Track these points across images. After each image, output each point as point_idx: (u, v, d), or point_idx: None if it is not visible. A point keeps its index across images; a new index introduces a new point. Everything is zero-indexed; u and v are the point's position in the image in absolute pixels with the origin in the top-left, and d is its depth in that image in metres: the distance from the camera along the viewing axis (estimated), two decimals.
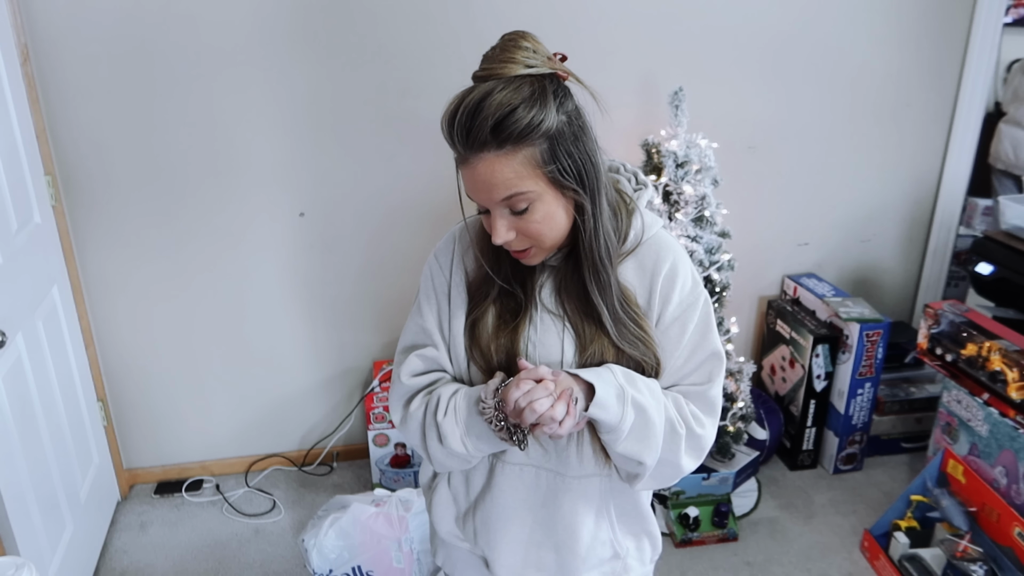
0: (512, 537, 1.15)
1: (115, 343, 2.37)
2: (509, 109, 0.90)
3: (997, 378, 2.08)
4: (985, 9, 2.46)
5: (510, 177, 0.92)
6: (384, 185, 2.34)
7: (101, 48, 2.05)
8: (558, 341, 1.06)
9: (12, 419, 1.73)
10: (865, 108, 2.55)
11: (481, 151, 0.92)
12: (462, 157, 0.95)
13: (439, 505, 1.21)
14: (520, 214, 0.96)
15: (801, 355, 2.51)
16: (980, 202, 3.01)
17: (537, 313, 1.07)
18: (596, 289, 1.02)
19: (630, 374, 1.03)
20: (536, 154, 0.92)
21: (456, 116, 0.93)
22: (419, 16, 2.17)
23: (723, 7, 2.33)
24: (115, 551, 2.25)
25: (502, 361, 1.06)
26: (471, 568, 1.24)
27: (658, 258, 1.06)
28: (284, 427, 2.59)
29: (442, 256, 1.13)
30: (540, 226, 0.97)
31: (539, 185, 0.94)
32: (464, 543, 1.21)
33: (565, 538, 1.14)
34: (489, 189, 0.94)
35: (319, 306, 2.46)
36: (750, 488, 2.46)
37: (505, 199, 0.94)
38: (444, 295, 1.12)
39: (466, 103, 0.92)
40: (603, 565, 1.18)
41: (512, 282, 1.06)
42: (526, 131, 0.90)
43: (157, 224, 2.26)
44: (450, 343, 1.11)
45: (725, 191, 2.27)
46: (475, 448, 1.06)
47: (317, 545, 1.91)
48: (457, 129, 0.93)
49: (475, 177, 0.94)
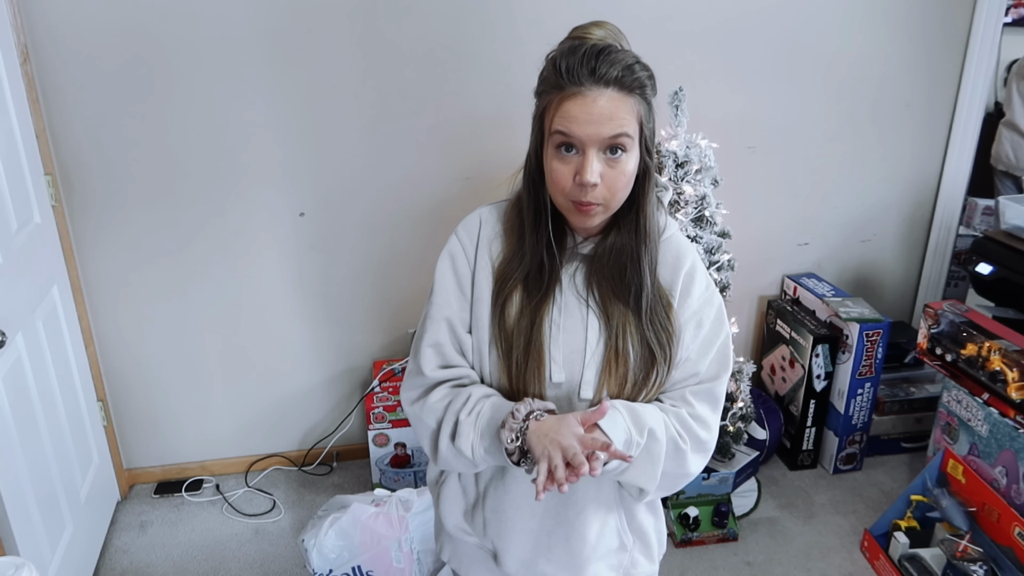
0: (522, 527, 1.15)
1: (115, 343, 2.37)
2: (635, 60, 0.99)
3: (997, 378, 2.08)
4: (985, 9, 2.46)
5: (625, 117, 0.98)
6: (384, 185, 2.34)
7: (101, 48, 2.05)
8: (582, 327, 1.09)
9: (12, 419, 1.73)
10: (865, 108, 2.55)
11: (606, 87, 0.97)
12: (576, 88, 0.97)
13: (448, 499, 1.21)
14: (612, 160, 0.99)
15: (801, 355, 2.51)
16: (980, 202, 3.01)
17: (562, 297, 1.09)
18: (647, 263, 1.06)
19: (634, 409, 1.05)
20: (641, 109, 1.00)
21: (583, 50, 0.98)
22: (419, 17, 2.17)
23: (723, 7, 2.33)
24: (115, 551, 2.25)
25: (522, 345, 1.07)
26: (478, 562, 1.24)
27: (679, 255, 1.11)
28: (284, 427, 2.59)
29: (466, 240, 1.13)
30: (622, 177, 1.01)
31: (636, 137, 1.01)
32: (472, 537, 1.21)
33: (575, 528, 1.15)
34: (603, 122, 0.97)
35: (319, 306, 2.46)
36: (750, 488, 2.46)
37: (613, 136, 0.98)
38: (467, 280, 1.12)
39: (593, 43, 0.99)
40: (610, 556, 1.19)
41: (544, 261, 1.08)
42: (643, 85, 0.99)
43: (157, 224, 2.26)
44: (473, 329, 1.11)
45: (725, 191, 2.27)
46: (481, 458, 1.06)
47: (317, 545, 1.90)
48: (585, 60, 0.97)
49: (592, 109, 0.97)
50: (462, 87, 2.26)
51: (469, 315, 1.11)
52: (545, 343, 1.07)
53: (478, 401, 1.07)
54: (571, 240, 1.10)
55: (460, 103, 2.27)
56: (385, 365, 2.51)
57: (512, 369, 1.08)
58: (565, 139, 0.99)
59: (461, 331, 1.11)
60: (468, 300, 1.11)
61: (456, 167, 2.35)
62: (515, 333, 1.08)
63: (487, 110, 2.30)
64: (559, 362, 1.08)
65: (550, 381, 1.08)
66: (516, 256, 1.09)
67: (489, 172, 2.37)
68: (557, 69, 0.99)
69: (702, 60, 2.38)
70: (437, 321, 1.12)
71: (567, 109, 0.98)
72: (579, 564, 1.16)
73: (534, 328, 1.07)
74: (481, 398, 1.07)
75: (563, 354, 1.08)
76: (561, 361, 1.08)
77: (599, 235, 1.09)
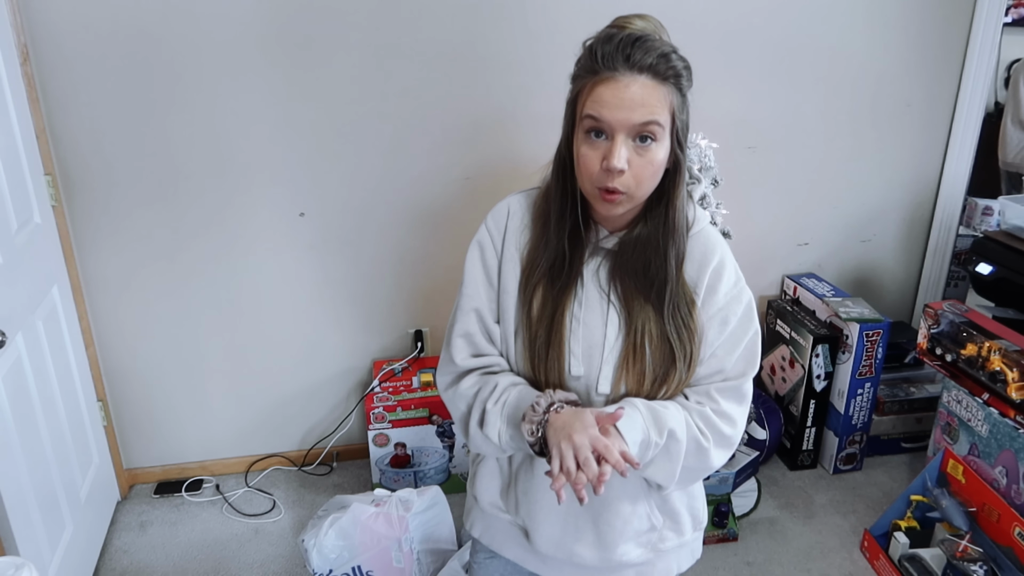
0: (552, 509, 1.17)
1: (115, 343, 2.37)
2: (672, 50, 1.00)
3: (997, 378, 2.08)
4: (985, 9, 2.46)
5: (655, 105, 0.98)
6: (384, 185, 2.34)
7: (101, 48, 2.05)
8: (601, 322, 1.10)
9: (12, 419, 1.73)
10: (865, 108, 2.55)
11: (640, 73, 0.97)
12: (611, 73, 0.98)
13: (484, 476, 1.24)
14: (641, 147, 1.00)
15: (801, 355, 2.51)
16: (980, 202, 3.01)
17: (583, 291, 1.10)
18: (674, 258, 1.06)
19: (654, 409, 1.06)
20: (674, 99, 1.00)
21: (620, 37, 0.98)
22: (420, 17, 2.17)
23: (723, 7, 2.33)
24: (115, 551, 2.25)
25: (543, 336, 1.09)
26: (511, 539, 1.26)
27: (707, 250, 1.11)
28: (284, 427, 2.60)
29: (494, 231, 1.15)
30: (650, 167, 1.01)
31: (667, 127, 1.01)
32: (505, 515, 1.23)
33: (604, 514, 1.16)
34: (634, 108, 0.97)
35: (319, 306, 2.46)
36: (750, 488, 2.46)
37: (643, 123, 0.98)
38: (495, 271, 1.14)
39: (630, 30, 1.00)
40: (640, 537, 1.20)
41: (567, 253, 1.09)
42: (677, 75, 1.00)
43: (157, 224, 2.26)
44: (501, 319, 1.13)
45: (725, 191, 2.26)
46: (508, 444, 1.09)
47: (317, 545, 1.90)
48: (621, 46, 0.97)
49: (624, 94, 0.97)
50: (462, 87, 2.25)
51: (497, 305, 1.14)
52: (565, 336, 1.09)
53: (505, 390, 1.09)
54: (595, 234, 1.11)
55: (460, 103, 2.27)
56: (385, 365, 2.51)
57: (534, 359, 1.10)
58: (595, 124, 1.00)
59: (490, 321, 1.14)
60: (496, 290, 1.14)
61: (456, 167, 2.35)
62: (537, 323, 1.10)
63: (488, 110, 2.30)
64: (578, 356, 1.09)
65: (569, 374, 1.10)
66: (541, 245, 1.11)
67: (489, 172, 2.37)
68: (593, 54, 1.00)
69: (702, 60, 2.35)
70: (467, 312, 1.15)
71: (599, 93, 0.99)
72: (608, 545, 1.18)
73: (554, 320, 1.09)
74: (508, 387, 1.09)
75: (582, 348, 1.10)
76: (580, 355, 1.09)
77: (625, 230, 1.10)
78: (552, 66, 1.13)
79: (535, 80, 2.26)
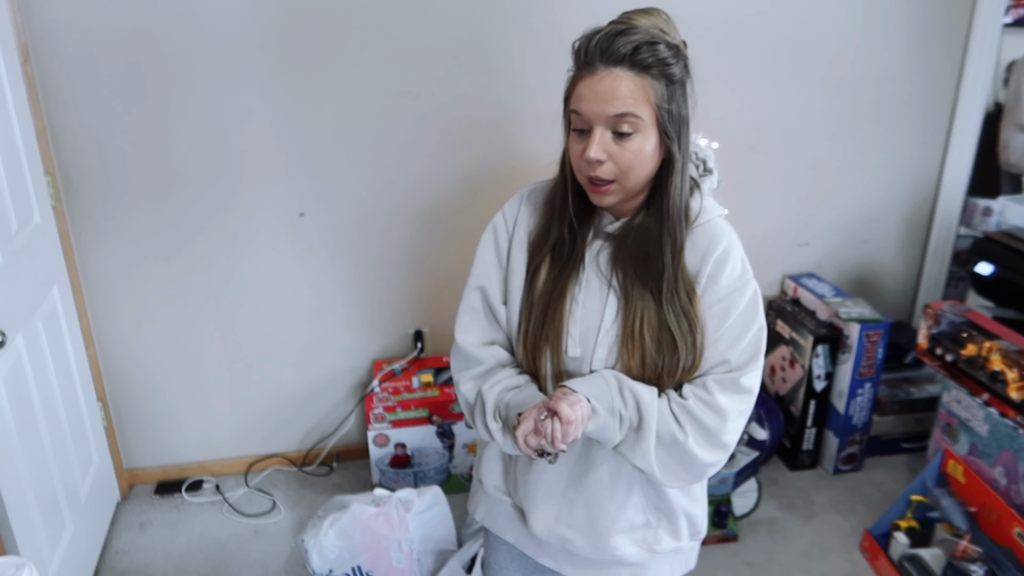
0: (546, 493, 1.20)
1: (115, 343, 2.37)
2: (653, 40, 1.00)
3: (997, 378, 2.08)
4: (985, 9, 2.46)
5: (628, 97, 0.99)
6: (384, 185, 2.34)
7: (102, 48, 2.05)
8: (600, 305, 1.12)
9: (12, 419, 1.73)
10: (865, 108, 2.55)
11: (614, 66, 0.99)
12: (589, 68, 1.01)
13: (489, 459, 1.28)
14: (621, 138, 1.01)
15: (801, 355, 2.51)
16: (980, 202, 3.01)
17: (584, 275, 1.13)
18: (669, 247, 1.07)
19: (623, 382, 1.08)
20: (657, 90, 1.01)
21: (602, 31, 1.00)
22: (419, 17, 2.17)
23: (724, 7, 2.33)
24: (115, 551, 2.25)
25: (541, 315, 1.13)
26: (511, 522, 1.28)
27: (712, 240, 1.11)
28: (284, 427, 2.59)
29: (508, 215, 1.20)
30: (633, 157, 1.02)
31: (648, 118, 1.01)
32: (507, 497, 1.27)
33: (595, 496, 1.18)
34: (607, 101, 0.99)
35: (319, 306, 2.46)
36: (750, 488, 2.46)
37: (616, 116, 1.00)
38: (505, 252, 1.18)
39: (615, 25, 1.01)
40: (635, 531, 1.20)
41: (570, 233, 1.12)
42: (658, 65, 1.00)
43: (157, 224, 2.26)
44: (508, 300, 1.17)
45: (725, 191, 2.25)
46: (503, 443, 1.14)
47: (317, 545, 1.91)
48: (600, 40, 1.00)
49: (597, 88, 1.00)
50: (462, 87, 2.25)
51: (505, 286, 1.17)
52: (564, 317, 1.11)
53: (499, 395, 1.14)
54: (598, 219, 1.14)
55: (460, 103, 2.27)
56: (385, 365, 2.51)
57: (535, 339, 1.13)
58: (578, 118, 1.03)
59: (495, 301, 1.18)
60: (504, 271, 1.18)
61: (456, 167, 2.35)
62: (538, 303, 1.13)
63: (487, 111, 2.30)
64: (575, 337, 1.12)
65: (567, 355, 1.12)
66: (545, 229, 1.14)
67: (489, 172, 2.36)
68: (576, 51, 1.03)
69: (702, 60, 2.35)
70: (472, 290, 1.20)
71: (579, 88, 1.02)
72: (599, 533, 1.19)
73: (555, 301, 1.12)
74: (502, 392, 1.14)
75: (579, 330, 1.12)
76: (577, 337, 1.12)
77: (629, 216, 1.12)
78: (556, 66, 1.14)
79: (536, 80, 2.26)
